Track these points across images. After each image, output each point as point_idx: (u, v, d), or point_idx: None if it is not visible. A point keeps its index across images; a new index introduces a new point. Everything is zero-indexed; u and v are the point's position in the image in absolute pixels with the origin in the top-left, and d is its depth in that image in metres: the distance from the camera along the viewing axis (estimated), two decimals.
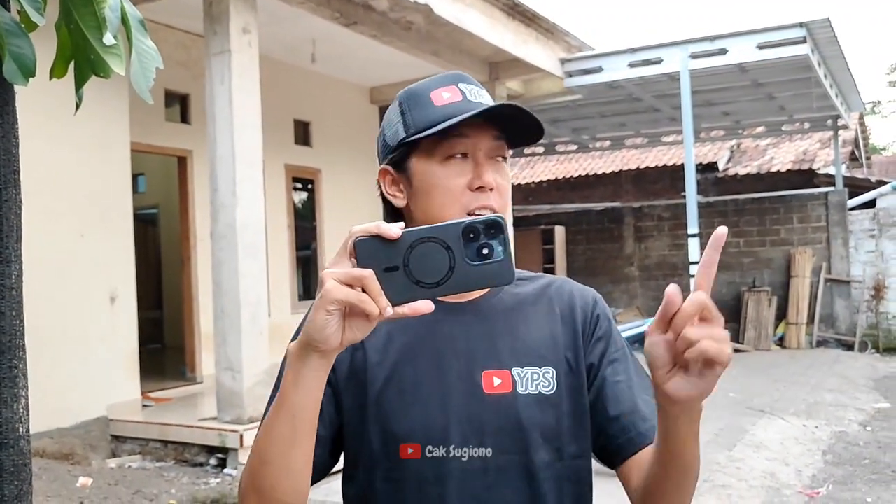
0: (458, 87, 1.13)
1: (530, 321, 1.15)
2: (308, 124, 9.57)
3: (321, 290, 0.83)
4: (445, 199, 1.09)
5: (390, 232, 0.84)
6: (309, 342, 0.86)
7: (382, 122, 1.19)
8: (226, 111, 5.44)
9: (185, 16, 6.90)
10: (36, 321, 5.75)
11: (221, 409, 5.56)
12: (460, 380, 1.08)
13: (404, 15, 7.13)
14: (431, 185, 1.10)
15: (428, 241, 0.85)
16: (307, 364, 0.88)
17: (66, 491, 4.68)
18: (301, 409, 0.91)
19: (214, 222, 5.56)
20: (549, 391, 1.09)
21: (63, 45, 1.47)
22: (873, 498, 4.87)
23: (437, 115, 1.09)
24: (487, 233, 0.86)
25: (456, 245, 0.85)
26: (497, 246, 0.86)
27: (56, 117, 5.51)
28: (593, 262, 13.55)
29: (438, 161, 1.10)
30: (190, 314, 7.96)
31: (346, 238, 0.86)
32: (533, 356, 1.11)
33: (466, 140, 1.10)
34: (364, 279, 0.82)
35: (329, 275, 0.83)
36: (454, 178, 1.09)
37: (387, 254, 0.84)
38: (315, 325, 0.84)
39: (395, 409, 1.07)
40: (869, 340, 11.61)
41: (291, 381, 0.89)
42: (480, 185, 1.09)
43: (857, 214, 12.06)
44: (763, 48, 8.15)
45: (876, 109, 30.84)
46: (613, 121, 12.13)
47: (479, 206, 1.09)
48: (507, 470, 1.07)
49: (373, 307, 0.82)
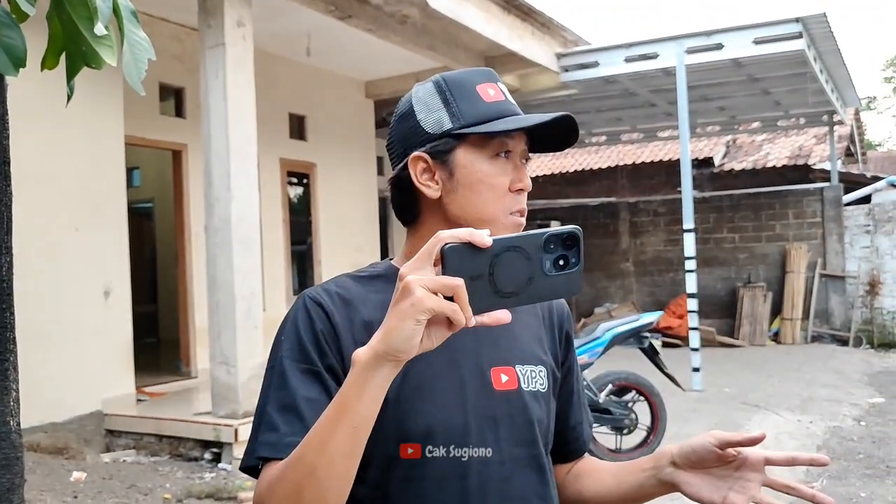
0: (499, 86, 1.13)
1: (522, 321, 1.17)
2: (303, 118, 9.54)
3: (409, 299, 0.80)
4: (490, 196, 1.09)
5: (484, 240, 0.82)
6: (389, 351, 0.83)
7: (411, 104, 1.13)
8: (220, 105, 5.43)
9: (180, 9, 6.88)
10: (30, 315, 5.73)
11: (216, 403, 5.55)
12: (472, 376, 1.08)
13: (399, 9, 7.11)
14: (478, 180, 1.08)
15: (513, 251, 0.84)
16: (378, 373, 0.85)
17: (60, 485, 4.67)
18: (364, 420, 0.88)
19: (209, 216, 5.54)
20: (544, 389, 1.15)
21: (54, 35, 1.46)
22: (867, 493, 4.88)
23: (488, 110, 1.09)
24: (565, 244, 0.86)
25: (536, 255, 0.85)
26: (572, 257, 0.87)
27: (49, 110, 5.48)
28: (589, 258, 13.53)
29: (487, 157, 1.09)
30: (185, 308, 7.95)
31: (430, 243, 0.83)
32: (530, 355, 1.15)
33: (511, 141, 1.10)
34: (456, 288, 0.80)
35: (417, 282, 0.80)
36: (499, 176, 1.09)
37: (473, 262, 0.83)
38: (402, 335, 0.81)
39: (413, 406, 1.05)
40: (863, 336, 11.64)
41: (357, 391, 0.86)
42: (521, 188, 1.10)
43: (853, 210, 12.08)
44: (759, 43, 8.15)
45: (871, 105, 30.91)
46: (609, 116, 12.12)
47: (518, 208, 1.11)
48: (521, 461, 1.10)
49: (461, 317, 0.81)
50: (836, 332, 11.77)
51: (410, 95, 1.15)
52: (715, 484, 1.04)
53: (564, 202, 14.32)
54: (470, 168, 1.09)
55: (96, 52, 1.42)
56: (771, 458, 1.04)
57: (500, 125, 1.07)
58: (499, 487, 1.07)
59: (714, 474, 1.05)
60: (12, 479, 1.46)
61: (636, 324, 5.23)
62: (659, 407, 5.21)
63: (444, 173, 1.10)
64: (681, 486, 1.06)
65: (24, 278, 5.58)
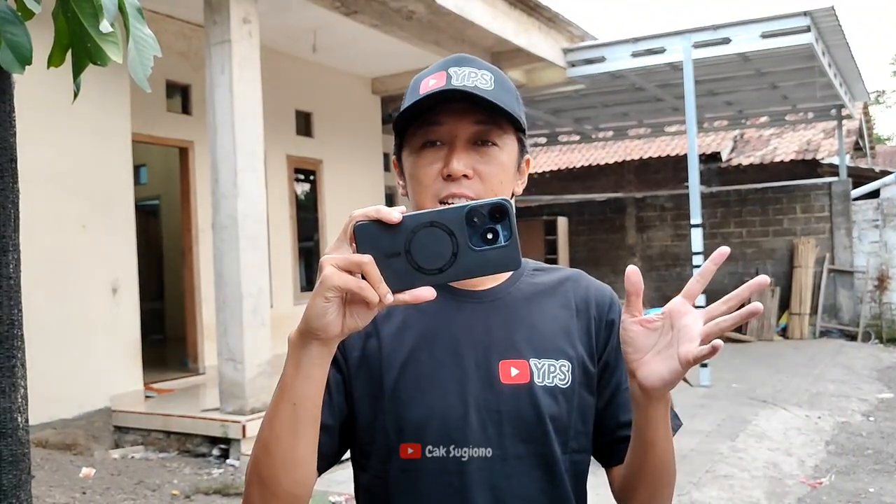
0: (448, 72, 1.08)
1: (546, 312, 1.13)
2: (310, 115, 9.54)
3: (320, 276, 0.81)
4: (419, 187, 1.08)
5: (391, 216, 0.81)
6: (308, 330, 0.84)
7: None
8: (226, 102, 5.43)
9: (186, 6, 6.88)
10: (38, 312, 5.75)
11: (224, 399, 5.56)
12: (477, 368, 1.06)
13: (406, 4, 7.10)
14: (410, 174, 1.10)
15: (430, 227, 0.83)
16: (307, 352, 0.86)
17: (69, 481, 4.69)
18: (302, 398, 0.89)
19: (216, 213, 5.55)
20: (564, 384, 1.09)
21: (60, 32, 1.46)
22: (876, 488, 4.86)
23: (415, 104, 1.06)
24: (492, 217, 0.83)
25: (459, 230, 0.83)
26: (502, 230, 0.83)
27: (57, 108, 5.50)
28: (596, 253, 13.53)
29: (416, 150, 1.09)
30: (192, 305, 7.97)
31: (346, 223, 0.83)
32: (550, 348, 1.10)
33: (441, 128, 1.07)
34: (364, 265, 0.80)
35: (328, 260, 0.81)
36: (425, 166, 1.08)
37: (388, 239, 0.82)
38: (314, 311, 0.82)
39: (412, 397, 1.05)
40: (872, 331, 11.59)
41: (292, 370, 0.88)
42: (448, 174, 1.05)
43: (861, 204, 12.02)
44: (766, 37, 8.10)
45: (880, 99, 30.74)
46: (616, 111, 12.08)
47: (449, 193, 1.05)
48: (526, 460, 1.06)
49: (372, 294, 0.80)
50: (844, 327, 11.72)
51: None
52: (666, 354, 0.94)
53: (571, 198, 14.29)
54: (407, 162, 1.11)
55: (102, 50, 1.43)
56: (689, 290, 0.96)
57: (398, 115, 1.09)
58: (499, 485, 1.05)
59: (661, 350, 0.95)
60: (19, 475, 1.46)
61: None
62: None
63: (401, 172, 1.15)
64: (643, 383, 0.95)
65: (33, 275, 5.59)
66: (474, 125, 1.07)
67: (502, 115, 1.07)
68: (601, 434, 1.15)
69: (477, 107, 1.06)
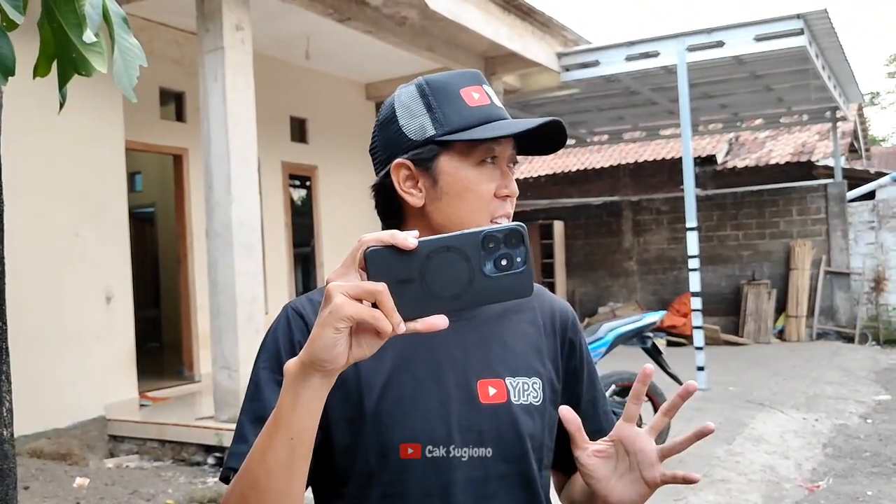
0: (484, 89, 1.09)
1: (517, 329, 1.13)
2: (304, 121, 9.54)
3: (329, 306, 0.77)
4: (476, 204, 1.06)
5: (406, 242, 0.78)
6: (313, 361, 0.79)
7: (393, 110, 1.11)
8: (220, 109, 5.42)
9: (179, 13, 6.87)
10: (31, 321, 5.72)
11: (219, 408, 5.54)
12: (458, 388, 1.04)
13: (398, 10, 7.10)
14: (464, 188, 1.06)
15: (446, 251, 0.79)
16: (308, 384, 0.81)
17: (63, 491, 4.67)
18: (300, 432, 0.84)
19: (210, 220, 5.54)
20: (537, 402, 1.09)
21: (45, 43, 1.45)
22: (874, 491, 4.85)
23: (473, 115, 1.06)
24: (508, 242, 0.81)
25: (474, 255, 0.80)
26: (517, 256, 0.81)
27: (49, 116, 5.45)
28: (592, 257, 13.53)
29: (473, 164, 1.06)
30: (187, 313, 7.94)
31: (354, 248, 0.80)
32: (523, 366, 1.10)
33: (498, 147, 1.07)
34: (377, 293, 0.76)
35: (337, 289, 0.77)
36: (485, 183, 1.07)
37: (401, 265, 0.78)
38: (323, 343, 0.78)
39: (395, 419, 1.02)
40: (869, 332, 11.60)
41: (290, 402, 0.83)
42: (507, 194, 1.08)
43: (857, 206, 12.03)
44: (760, 40, 8.12)
45: (875, 101, 30.79)
46: (611, 115, 12.09)
47: (503, 213, 1.08)
48: (508, 478, 1.06)
49: (386, 324, 0.76)
50: (841, 329, 11.73)
51: (393, 99, 1.12)
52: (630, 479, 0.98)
53: (567, 202, 14.29)
54: (455, 176, 1.06)
55: (87, 60, 1.41)
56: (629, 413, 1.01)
57: (486, 132, 1.04)
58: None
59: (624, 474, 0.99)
60: (6, 489, 1.45)
61: (639, 324, 5.21)
62: None
63: (428, 181, 1.07)
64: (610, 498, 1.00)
65: (26, 284, 5.56)
66: (513, 148, 1.10)
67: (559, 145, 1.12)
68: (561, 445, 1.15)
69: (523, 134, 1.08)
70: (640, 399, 0.98)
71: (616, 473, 0.97)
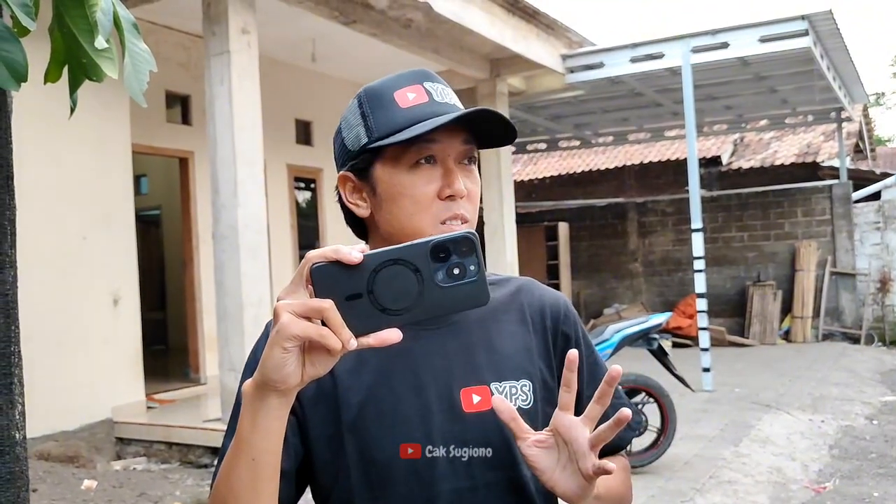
0: (424, 87, 1.05)
1: (504, 331, 1.10)
2: (309, 124, 9.56)
3: (276, 326, 0.75)
4: (414, 208, 1.02)
5: (350, 257, 0.76)
6: (266, 382, 0.78)
7: (340, 123, 1.10)
8: (226, 112, 5.44)
9: (185, 17, 6.89)
10: (39, 324, 5.74)
11: (225, 410, 5.56)
12: (439, 399, 1.02)
13: (404, 13, 7.12)
14: (398, 193, 1.02)
15: (393, 264, 0.77)
16: (266, 405, 0.80)
17: (71, 494, 4.68)
18: (261, 453, 0.83)
19: (216, 223, 5.55)
20: (526, 405, 1.06)
21: (56, 49, 1.46)
22: (880, 492, 4.84)
23: (402, 118, 1.02)
24: (458, 251, 0.78)
25: (424, 266, 0.78)
26: (469, 265, 0.78)
27: (57, 119, 5.49)
28: (597, 259, 13.52)
29: (406, 168, 1.02)
30: (193, 315, 7.96)
31: (301, 264, 0.78)
32: (510, 369, 1.07)
33: (435, 145, 1.02)
34: (323, 311, 0.74)
35: (284, 307, 0.75)
36: (423, 185, 1.02)
37: (348, 280, 0.77)
38: (272, 363, 0.76)
39: (374, 435, 1.00)
40: (875, 333, 11.57)
41: (249, 423, 0.82)
42: (451, 194, 1.02)
43: (862, 207, 12.01)
44: (765, 41, 8.11)
45: (880, 101, 30.74)
46: (616, 116, 12.10)
47: (451, 215, 1.02)
48: (497, 486, 1.03)
49: (335, 341, 0.75)
50: (847, 329, 11.70)
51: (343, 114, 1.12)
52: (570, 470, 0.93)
53: (572, 203, 14.29)
54: (389, 181, 1.03)
55: (97, 66, 1.42)
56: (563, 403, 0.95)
57: (407, 133, 1.00)
58: None
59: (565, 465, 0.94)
60: (17, 492, 1.46)
61: (645, 325, 5.20)
62: (669, 408, 5.19)
63: (369, 190, 1.06)
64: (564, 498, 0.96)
65: (33, 287, 5.57)
66: (463, 144, 1.04)
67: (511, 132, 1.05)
68: None
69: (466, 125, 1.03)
70: (571, 387, 0.94)
71: (559, 465, 0.94)
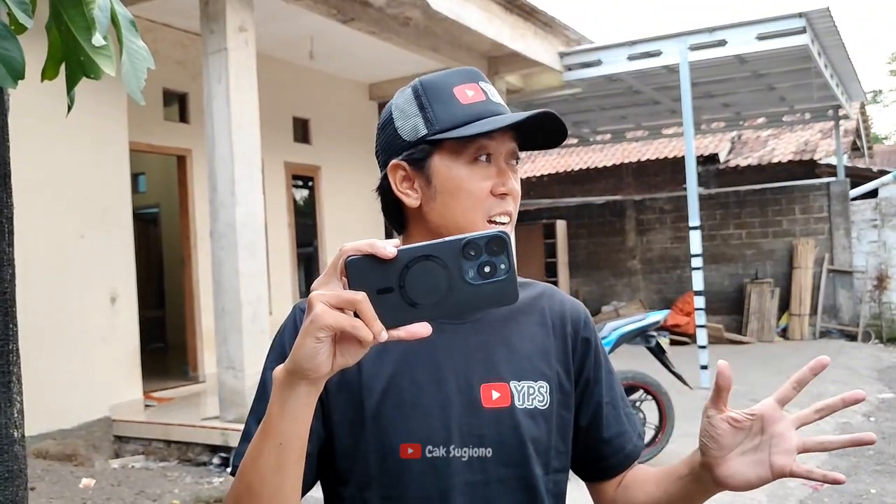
0: (480, 86, 1.09)
1: (524, 332, 1.12)
2: (307, 122, 9.55)
3: (310, 315, 0.78)
4: (469, 202, 1.05)
5: (385, 251, 0.78)
6: (297, 370, 0.80)
7: (390, 112, 1.12)
8: (224, 110, 5.43)
9: (183, 15, 6.89)
10: (37, 322, 5.74)
11: (224, 408, 5.56)
12: (459, 392, 1.05)
13: (402, 10, 7.11)
14: (456, 187, 1.06)
15: (425, 260, 0.79)
16: (295, 392, 0.82)
17: (69, 492, 4.68)
18: (289, 438, 0.85)
19: (214, 221, 5.55)
20: (543, 406, 1.08)
21: (53, 46, 1.45)
22: (878, 489, 4.85)
23: (464, 113, 1.06)
24: (489, 250, 0.80)
25: (454, 263, 0.80)
26: (500, 263, 0.80)
27: (54, 118, 5.50)
28: (595, 256, 13.53)
29: (465, 162, 1.06)
30: (191, 313, 7.96)
31: (335, 257, 0.80)
32: (529, 369, 1.09)
33: (492, 143, 1.07)
34: (357, 303, 0.76)
35: (318, 297, 0.78)
36: (479, 181, 1.06)
37: (381, 274, 0.78)
38: (304, 352, 0.78)
39: (395, 423, 1.03)
40: (872, 331, 11.58)
41: (278, 409, 0.84)
42: (504, 192, 1.07)
43: (860, 204, 12.02)
44: (762, 39, 8.11)
45: (877, 99, 30.75)
46: (613, 114, 12.10)
47: (501, 211, 1.07)
48: (508, 482, 1.05)
49: (366, 333, 0.77)
50: (844, 327, 11.72)
51: (391, 103, 1.13)
52: (753, 458, 0.95)
53: (570, 201, 14.29)
54: (447, 174, 1.06)
55: (95, 63, 1.42)
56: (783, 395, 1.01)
57: (474, 128, 1.04)
58: None
59: (747, 452, 0.97)
60: (16, 490, 1.46)
61: (643, 323, 5.21)
62: (667, 405, 5.20)
63: (423, 181, 1.08)
64: (724, 481, 0.97)
65: (31, 286, 5.57)
66: (511, 142, 1.09)
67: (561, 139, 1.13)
68: (584, 451, 1.16)
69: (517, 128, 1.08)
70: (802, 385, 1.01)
71: (739, 449, 0.95)
